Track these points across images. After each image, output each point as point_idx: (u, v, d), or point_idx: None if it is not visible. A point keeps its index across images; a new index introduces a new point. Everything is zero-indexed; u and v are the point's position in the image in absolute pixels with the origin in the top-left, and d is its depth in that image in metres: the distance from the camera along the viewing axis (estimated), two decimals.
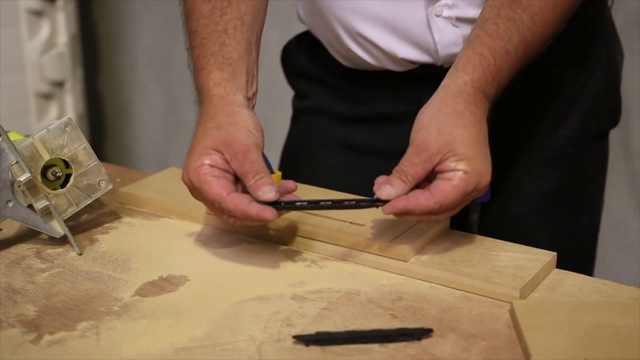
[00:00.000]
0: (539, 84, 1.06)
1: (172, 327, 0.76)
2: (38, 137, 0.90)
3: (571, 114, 1.09)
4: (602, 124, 1.14)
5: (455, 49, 1.00)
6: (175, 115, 2.38)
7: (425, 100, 0.87)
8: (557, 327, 0.73)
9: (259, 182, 0.82)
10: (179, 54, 2.32)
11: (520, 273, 0.82)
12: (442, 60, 1.02)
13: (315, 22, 1.10)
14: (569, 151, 1.10)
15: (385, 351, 0.72)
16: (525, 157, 1.09)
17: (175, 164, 1.14)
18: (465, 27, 0.99)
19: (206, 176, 0.83)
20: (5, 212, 0.88)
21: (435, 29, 0.99)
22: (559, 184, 1.10)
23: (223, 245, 0.91)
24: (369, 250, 0.86)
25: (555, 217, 1.11)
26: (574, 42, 1.05)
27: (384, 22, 1.01)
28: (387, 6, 1.00)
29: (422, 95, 1.06)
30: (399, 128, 1.09)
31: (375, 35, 1.02)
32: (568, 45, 1.04)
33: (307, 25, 1.14)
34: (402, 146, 0.99)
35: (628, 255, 1.85)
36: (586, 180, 1.14)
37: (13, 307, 0.79)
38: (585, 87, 1.08)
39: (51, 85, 2.15)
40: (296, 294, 0.81)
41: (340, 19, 1.03)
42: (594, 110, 1.10)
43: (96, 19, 2.43)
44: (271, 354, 0.71)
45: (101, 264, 0.87)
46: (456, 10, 0.98)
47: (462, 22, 0.99)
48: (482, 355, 0.71)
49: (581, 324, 0.73)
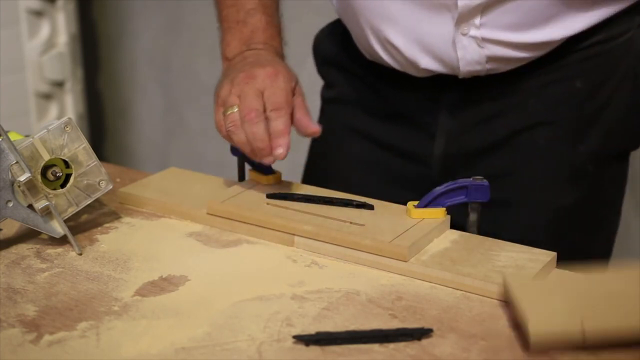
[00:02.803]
0: (560, 96, 1.05)
1: (172, 327, 0.76)
2: (38, 137, 0.90)
3: (592, 130, 1.06)
4: (624, 143, 1.11)
5: (478, 67, 1.00)
6: (175, 115, 2.38)
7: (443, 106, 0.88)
8: (552, 295, 0.73)
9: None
10: (179, 54, 2.33)
11: (520, 273, 0.82)
12: (463, 74, 1.02)
13: (346, 16, 1.11)
14: (588, 168, 1.07)
15: (385, 351, 0.72)
16: (543, 169, 1.07)
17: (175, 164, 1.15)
18: (490, 47, 0.99)
19: (254, 90, 0.90)
20: (5, 212, 0.88)
21: (459, 46, 0.99)
22: (575, 201, 1.08)
23: (223, 245, 0.91)
24: (369, 250, 0.86)
25: (567, 235, 1.09)
26: (599, 55, 1.04)
27: (411, 32, 1.01)
28: (416, 18, 1.00)
29: (441, 101, 1.06)
30: (415, 131, 1.09)
31: (401, 43, 1.02)
32: (593, 59, 1.03)
33: (339, 16, 1.14)
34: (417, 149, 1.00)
35: (628, 255, 1.85)
36: (603, 200, 1.12)
37: (13, 307, 0.79)
38: (609, 103, 1.06)
39: (51, 85, 2.15)
40: (296, 294, 0.81)
41: (370, 21, 1.04)
42: (617, 128, 1.08)
43: (96, 19, 2.43)
44: (271, 354, 0.71)
45: (101, 264, 0.87)
46: (483, 31, 0.98)
47: (487, 43, 0.99)
48: (482, 355, 0.71)
49: (577, 291, 0.73)
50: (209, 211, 0.95)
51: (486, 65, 1.01)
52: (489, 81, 1.04)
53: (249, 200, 0.96)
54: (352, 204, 0.93)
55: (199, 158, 2.31)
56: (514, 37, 0.99)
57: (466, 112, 1.07)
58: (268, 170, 1.00)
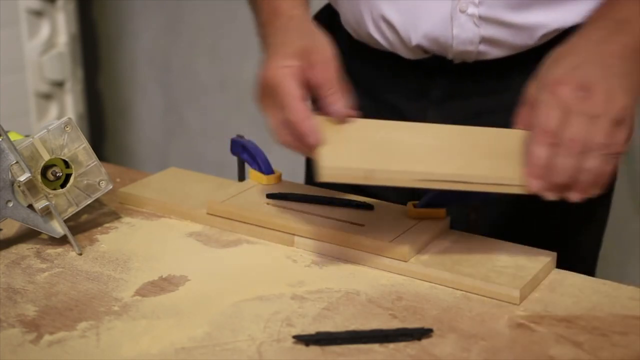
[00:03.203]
0: None
1: (172, 327, 0.76)
2: (38, 137, 0.90)
3: None
4: None
5: (471, 47, 1.00)
6: (175, 115, 2.38)
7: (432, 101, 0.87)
8: (349, 141, 0.83)
9: (332, 97, 0.85)
10: (179, 54, 2.33)
11: (520, 273, 0.82)
12: (454, 55, 1.02)
13: None
14: None
15: (385, 351, 0.72)
16: None
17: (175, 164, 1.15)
18: (486, 27, 0.99)
19: (288, 77, 0.85)
20: (5, 212, 0.88)
21: (456, 24, 0.99)
22: None
23: (223, 245, 0.91)
24: (369, 250, 0.86)
25: (559, 232, 1.09)
26: None
27: (409, 8, 1.00)
28: None
29: (429, 96, 1.06)
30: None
31: (396, 19, 1.01)
32: None
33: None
34: None
35: (628, 255, 1.85)
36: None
37: (13, 307, 0.79)
38: None
39: (51, 85, 2.15)
40: (296, 294, 0.81)
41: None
42: None
43: (96, 19, 2.43)
44: (271, 354, 0.71)
45: (101, 264, 0.87)
46: (482, 8, 0.98)
47: (484, 22, 0.99)
48: (482, 355, 0.71)
49: (372, 139, 0.83)
50: (209, 211, 0.95)
51: (479, 47, 1.01)
52: (478, 74, 1.03)
53: (249, 200, 0.96)
54: (352, 204, 0.93)
55: (199, 158, 2.31)
56: (512, 17, 0.99)
57: (455, 108, 1.06)
58: (268, 170, 1.00)
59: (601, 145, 0.78)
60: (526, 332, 0.75)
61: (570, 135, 0.78)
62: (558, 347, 0.72)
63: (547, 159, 0.78)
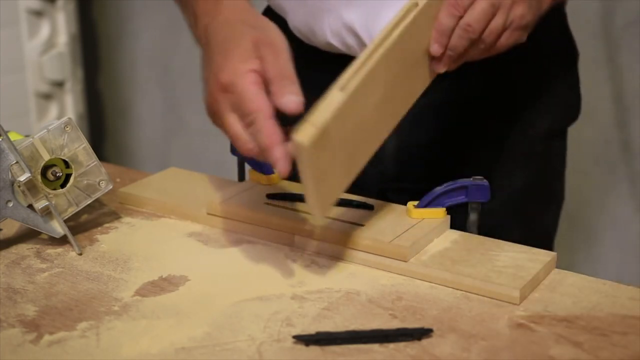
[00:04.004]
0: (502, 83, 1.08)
1: (172, 327, 0.76)
2: (38, 137, 0.90)
3: (538, 112, 1.10)
4: (565, 120, 1.16)
5: None
6: (175, 115, 2.38)
7: None
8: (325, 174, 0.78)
9: (285, 89, 0.78)
10: (179, 54, 2.33)
11: (520, 273, 0.82)
12: None
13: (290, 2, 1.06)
14: (537, 149, 1.12)
15: (385, 351, 0.72)
16: (496, 156, 1.10)
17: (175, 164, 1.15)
18: None
19: (254, 86, 0.79)
20: (5, 212, 0.88)
21: None
22: (527, 182, 1.12)
23: (223, 245, 0.91)
24: (369, 250, 0.86)
25: (525, 214, 1.13)
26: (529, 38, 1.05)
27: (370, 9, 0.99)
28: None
29: None
30: None
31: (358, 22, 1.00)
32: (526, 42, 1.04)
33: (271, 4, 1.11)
34: None
35: (628, 255, 1.85)
36: (552, 175, 1.17)
37: (13, 307, 0.79)
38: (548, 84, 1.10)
39: (51, 85, 2.15)
40: (296, 294, 0.81)
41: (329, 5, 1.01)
42: (558, 108, 1.12)
43: (96, 19, 2.43)
44: (271, 354, 0.71)
45: (101, 264, 0.87)
46: None
47: None
48: (482, 355, 0.71)
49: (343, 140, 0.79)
50: (209, 211, 0.95)
51: None
52: None
53: (249, 200, 0.96)
54: (352, 204, 0.93)
55: (199, 158, 2.31)
56: None
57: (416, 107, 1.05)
58: (268, 170, 1.00)
59: (499, 25, 0.87)
60: (526, 332, 0.75)
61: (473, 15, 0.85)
62: (558, 347, 0.72)
63: (450, 29, 0.86)
